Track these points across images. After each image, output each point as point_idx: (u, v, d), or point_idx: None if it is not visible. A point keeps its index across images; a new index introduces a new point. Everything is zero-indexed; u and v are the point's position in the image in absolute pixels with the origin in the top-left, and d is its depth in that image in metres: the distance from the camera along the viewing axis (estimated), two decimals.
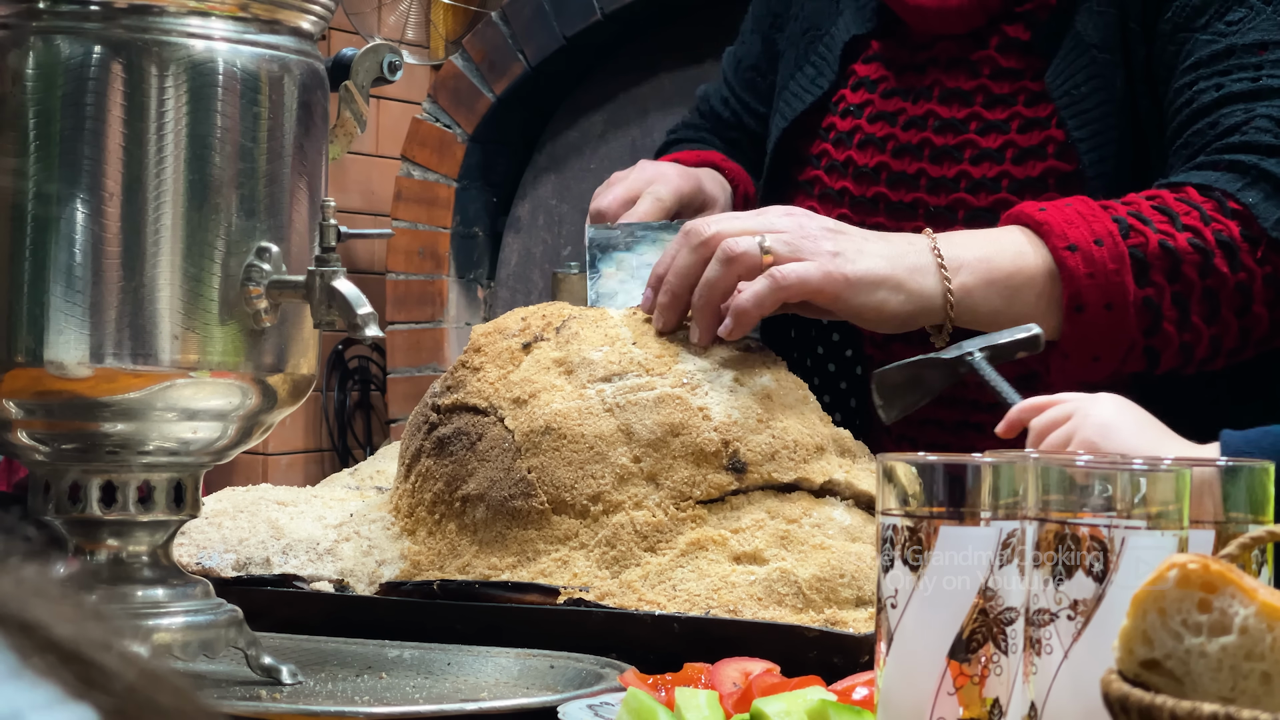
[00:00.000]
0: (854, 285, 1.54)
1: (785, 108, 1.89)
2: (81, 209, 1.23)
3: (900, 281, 1.55)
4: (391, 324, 4.87)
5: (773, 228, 1.55)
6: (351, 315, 1.24)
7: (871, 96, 1.82)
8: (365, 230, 1.41)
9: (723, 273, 1.53)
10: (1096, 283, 1.57)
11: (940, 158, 1.76)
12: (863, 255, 1.55)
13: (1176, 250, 1.58)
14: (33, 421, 1.27)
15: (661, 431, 1.49)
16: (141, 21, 1.24)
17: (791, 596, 1.42)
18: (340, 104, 1.37)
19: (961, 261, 1.57)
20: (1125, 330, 1.58)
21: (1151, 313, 1.58)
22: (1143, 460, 1.01)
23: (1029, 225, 1.60)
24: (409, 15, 4.92)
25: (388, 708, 1.27)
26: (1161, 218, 1.59)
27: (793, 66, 1.90)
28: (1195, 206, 1.60)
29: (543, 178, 4.81)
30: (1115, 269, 1.57)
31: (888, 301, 1.55)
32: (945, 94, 1.77)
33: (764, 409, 1.52)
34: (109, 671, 0.52)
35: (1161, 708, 0.77)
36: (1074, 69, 1.71)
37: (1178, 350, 1.60)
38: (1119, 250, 1.57)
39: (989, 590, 1.01)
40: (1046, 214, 1.59)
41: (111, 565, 1.29)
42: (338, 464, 4.77)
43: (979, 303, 1.57)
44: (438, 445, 1.55)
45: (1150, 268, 1.58)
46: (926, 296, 1.56)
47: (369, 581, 1.51)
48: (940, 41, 1.79)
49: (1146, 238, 1.58)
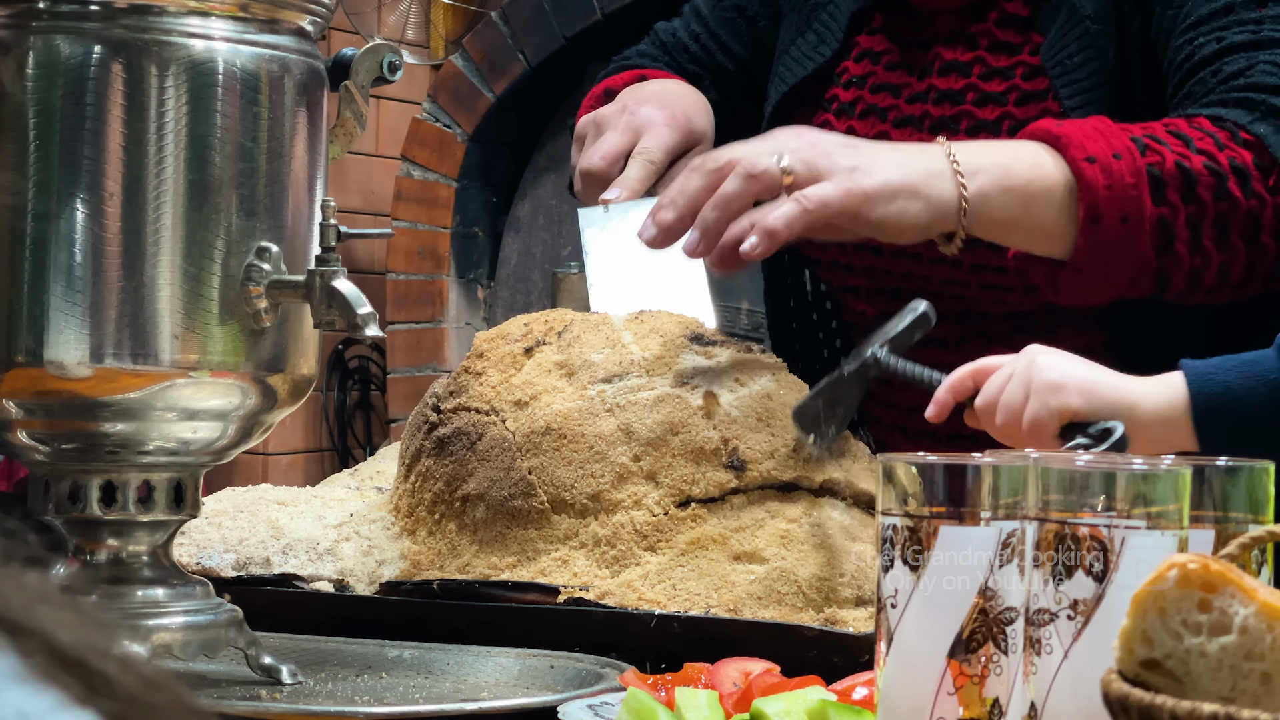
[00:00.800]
0: (872, 198, 1.51)
1: (786, 73, 1.88)
2: (81, 209, 1.23)
3: (917, 188, 1.53)
4: (391, 324, 4.87)
5: (788, 148, 1.53)
6: (351, 315, 1.24)
7: (875, 68, 1.82)
8: (365, 230, 1.41)
9: (741, 187, 1.51)
10: (1114, 194, 1.56)
11: (938, 129, 1.76)
12: (878, 166, 1.53)
13: (1192, 171, 1.57)
14: (33, 421, 1.27)
15: (661, 430, 1.49)
16: (141, 21, 1.24)
17: (791, 596, 1.42)
18: (340, 104, 1.37)
19: (978, 167, 1.56)
20: (1139, 246, 1.57)
21: (1165, 232, 1.57)
22: (1143, 460, 1.01)
23: (1046, 140, 1.59)
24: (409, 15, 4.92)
25: (388, 708, 1.27)
26: (1177, 141, 1.59)
27: (794, 31, 1.89)
28: (1209, 134, 1.60)
29: (543, 178, 4.81)
30: (1133, 183, 1.56)
31: (906, 210, 1.53)
32: (944, 66, 1.78)
33: (764, 409, 1.52)
34: (111, 678, 0.52)
35: (1161, 708, 0.77)
36: (1067, 40, 1.72)
37: (1187, 274, 1.59)
38: (1136, 165, 1.57)
39: (989, 590, 1.01)
40: (1064, 128, 1.59)
41: (111, 565, 1.29)
42: (338, 464, 4.77)
43: (995, 209, 1.56)
44: (438, 445, 1.56)
45: (1166, 185, 1.57)
46: (943, 202, 1.54)
47: (369, 581, 1.51)
48: (941, 15, 1.80)
49: (1163, 156, 1.57)
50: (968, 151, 1.57)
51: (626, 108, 1.77)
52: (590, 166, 1.74)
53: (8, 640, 0.50)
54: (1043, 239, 1.59)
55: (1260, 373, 1.43)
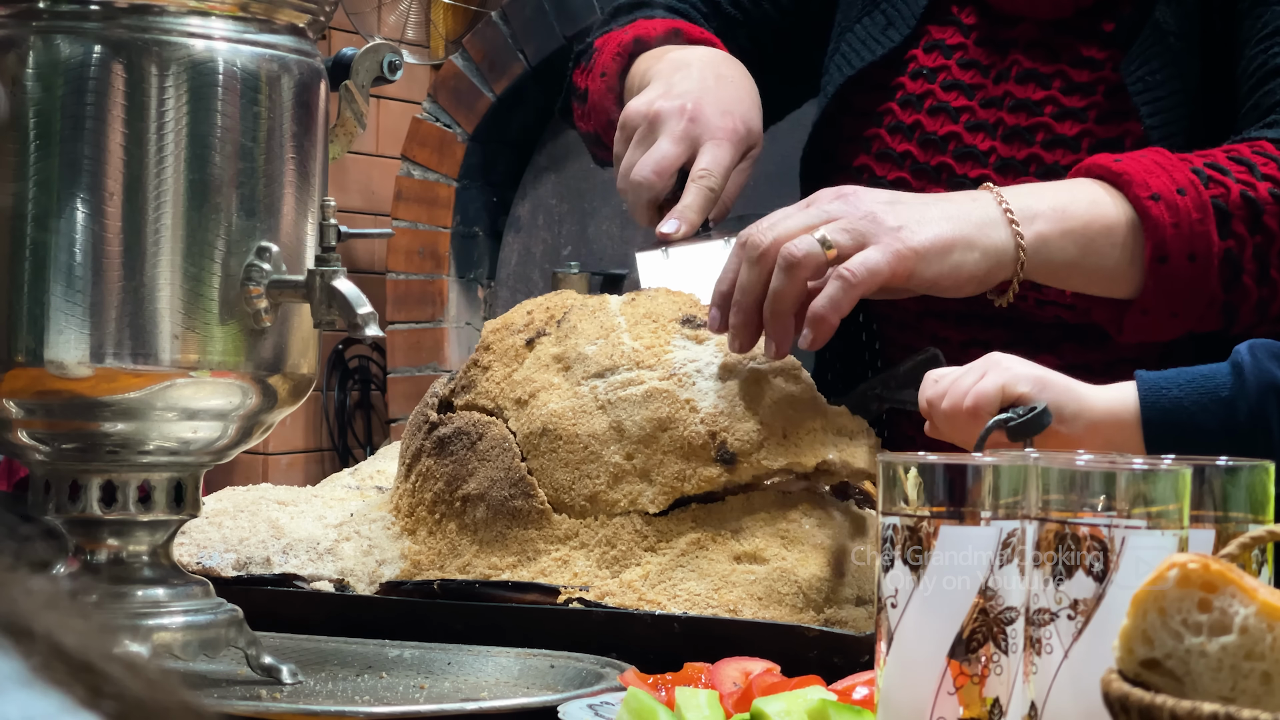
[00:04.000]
0: (924, 257, 1.46)
1: (852, 54, 1.81)
2: (81, 209, 1.23)
3: (970, 239, 1.48)
4: (391, 324, 4.87)
5: (828, 216, 1.47)
6: (351, 315, 1.24)
7: (947, 63, 1.76)
8: (365, 230, 1.41)
9: (789, 281, 1.45)
10: (1181, 232, 1.51)
11: (1012, 138, 1.71)
12: (925, 222, 1.47)
13: (1258, 200, 1.53)
14: (33, 421, 1.27)
15: (651, 427, 1.48)
16: (141, 21, 1.24)
17: (791, 596, 1.42)
18: (340, 104, 1.37)
19: (1034, 211, 1.51)
20: (1207, 284, 1.53)
21: (1232, 266, 1.53)
22: (1143, 460, 1.01)
23: (1103, 177, 1.55)
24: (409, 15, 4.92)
25: (388, 708, 1.27)
26: (1240, 168, 1.55)
27: (859, 9, 1.82)
28: (1271, 158, 1.56)
29: (543, 178, 4.81)
30: (1200, 218, 1.52)
31: (963, 264, 1.48)
32: (1023, 74, 1.72)
33: (752, 396, 1.49)
34: (117, 682, 0.52)
35: (1161, 707, 0.77)
36: (1149, 55, 1.67)
37: (1255, 306, 1.55)
38: (1202, 200, 1.52)
39: (989, 590, 1.01)
40: (1124, 164, 1.54)
41: (111, 565, 1.29)
42: (338, 464, 4.77)
43: (1054, 253, 1.51)
44: (438, 445, 1.56)
45: (1232, 217, 1.53)
46: (1000, 250, 1.49)
47: (369, 581, 1.51)
48: (1023, 22, 1.74)
49: (1227, 187, 1.53)
50: (1020, 196, 1.52)
51: (685, 111, 1.68)
52: (643, 179, 1.67)
53: (13, 644, 0.51)
54: (1104, 281, 1.55)
55: (1212, 389, 1.42)
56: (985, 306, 1.57)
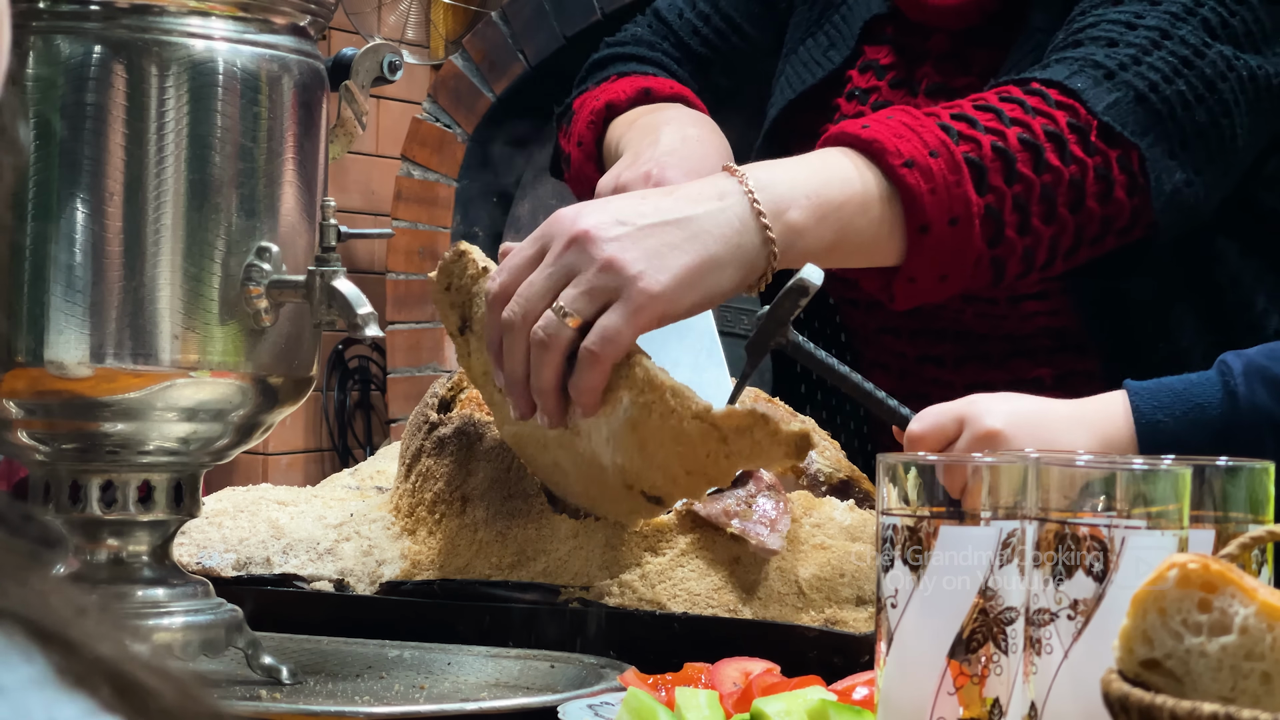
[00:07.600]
0: (672, 298, 1.36)
1: (794, 77, 1.80)
2: (81, 209, 1.23)
3: (718, 258, 1.39)
4: (391, 324, 4.87)
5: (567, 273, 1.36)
6: (351, 315, 1.24)
7: (879, 84, 1.76)
8: (365, 230, 1.41)
9: (543, 364, 1.37)
10: (939, 198, 1.47)
11: None
12: (668, 253, 1.36)
13: (1008, 150, 1.49)
14: (33, 421, 1.27)
15: None
16: (141, 21, 1.24)
17: (791, 596, 1.42)
18: (340, 104, 1.37)
19: (787, 201, 1.42)
20: (971, 244, 1.49)
21: (994, 221, 1.49)
22: (1143, 460, 1.01)
23: (853, 145, 1.49)
24: (409, 15, 4.92)
25: (388, 708, 1.27)
26: (987, 115, 1.51)
27: (804, 29, 1.82)
28: (1017, 101, 1.53)
29: (543, 178, 4.81)
30: (955, 180, 1.47)
31: (717, 285, 1.39)
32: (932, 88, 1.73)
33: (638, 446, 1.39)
34: (148, 690, 0.52)
35: (1161, 708, 0.77)
36: (1022, 54, 1.67)
37: (1020, 257, 1.51)
38: (955, 159, 1.48)
39: (989, 590, 1.01)
40: (873, 130, 1.48)
41: (111, 565, 1.29)
42: (338, 464, 4.77)
43: (810, 242, 1.43)
44: (438, 445, 1.56)
45: (987, 171, 1.48)
46: (752, 257, 1.41)
47: (369, 581, 1.51)
48: (936, 34, 1.75)
49: (978, 141, 1.49)
50: (771, 185, 1.43)
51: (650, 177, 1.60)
52: None
53: (41, 648, 0.51)
54: (865, 255, 1.50)
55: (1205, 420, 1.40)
56: (935, 321, 1.56)
